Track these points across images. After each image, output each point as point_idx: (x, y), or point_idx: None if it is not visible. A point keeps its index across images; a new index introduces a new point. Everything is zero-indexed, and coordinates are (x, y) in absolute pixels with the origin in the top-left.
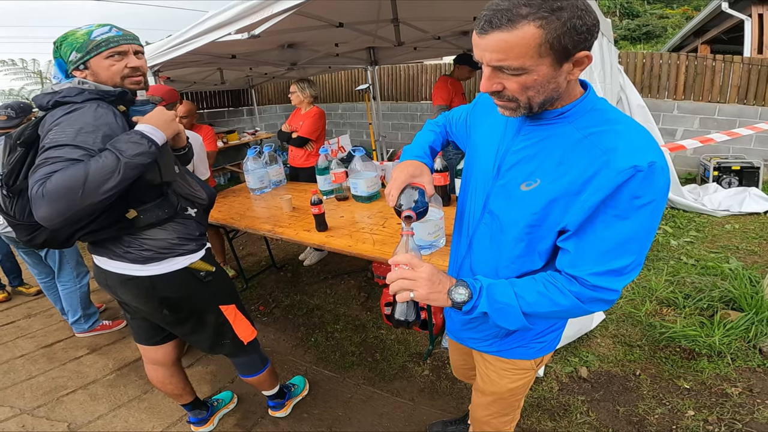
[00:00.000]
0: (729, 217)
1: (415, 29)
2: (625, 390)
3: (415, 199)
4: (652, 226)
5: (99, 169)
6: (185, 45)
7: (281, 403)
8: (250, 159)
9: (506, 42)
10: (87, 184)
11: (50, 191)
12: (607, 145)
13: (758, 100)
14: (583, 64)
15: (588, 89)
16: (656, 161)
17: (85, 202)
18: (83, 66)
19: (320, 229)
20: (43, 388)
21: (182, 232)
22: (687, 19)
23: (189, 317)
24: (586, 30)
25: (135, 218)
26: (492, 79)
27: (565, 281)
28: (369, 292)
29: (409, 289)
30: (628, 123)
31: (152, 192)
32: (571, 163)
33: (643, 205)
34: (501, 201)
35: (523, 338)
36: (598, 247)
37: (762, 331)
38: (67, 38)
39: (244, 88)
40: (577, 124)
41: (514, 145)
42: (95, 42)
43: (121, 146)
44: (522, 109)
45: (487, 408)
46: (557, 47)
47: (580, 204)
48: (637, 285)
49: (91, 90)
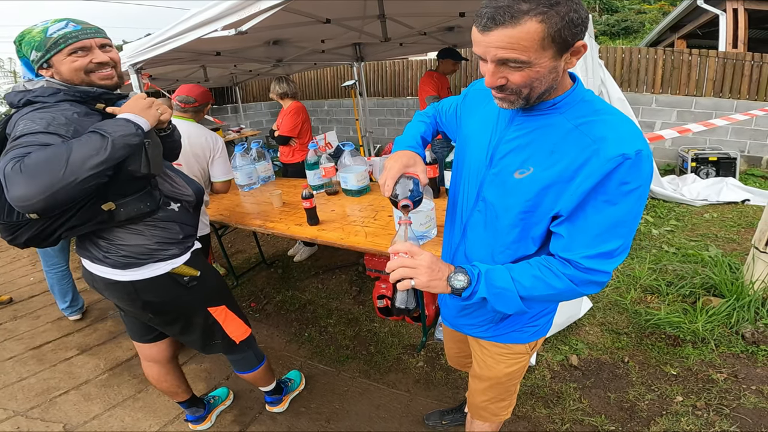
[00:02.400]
0: (707, 207)
1: (402, 25)
2: (615, 377)
3: (410, 188)
4: (639, 210)
5: (84, 144)
6: (170, 42)
7: (278, 399)
8: (238, 155)
9: (511, 37)
10: (71, 160)
11: (29, 166)
12: (597, 135)
13: (733, 93)
14: (579, 53)
15: (576, 81)
16: (642, 149)
17: (69, 179)
18: (46, 65)
19: (312, 223)
20: (35, 390)
21: (161, 236)
22: (664, 14)
23: (176, 320)
24: (581, 22)
25: (114, 211)
26: (496, 74)
27: (560, 265)
28: (361, 285)
29: (410, 277)
30: (615, 113)
31: (134, 185)
32: (563, 151)
33: (631, 191)
34: (495, 189)
35: (517, 322)
36: (589, 231)
37: (743, 316)
38: (24, 37)
39: (228, 85)
40: (568, 114)
41: (507, 135)
42: (53, 39)
43: (106, 128)
44: (521, 101)
45: (484, 393)
46: (558, 40)
47: (572, 190)
48: (621, 273)
49: (66, 91)
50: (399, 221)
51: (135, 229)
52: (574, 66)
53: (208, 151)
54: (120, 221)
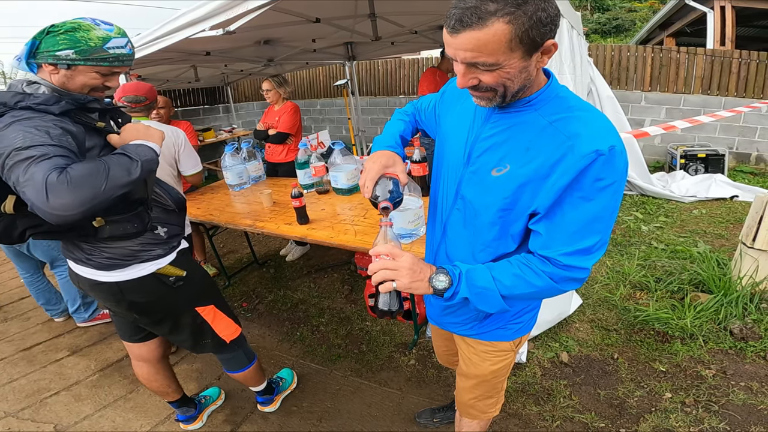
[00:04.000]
0: (696, 203)
1: (393, 24)
2: (605, 374)
3: (390, 189)
4: (615, 206)
5: (117, 163)
6: (158, 42)
7: (270, 399)
8: (228, 155)
9: (478, 39)
10: (110, 176)
11: (75, 177)
12: (571, 131)
13: (721, 90)
14: (550, 52)
15: (551, 77)
16: (615, 145)
17: (108, 194)
18: (66, 66)
19: (301, 222)
20: (26, 391)
21: (146, 238)
22: (654, 12)
23: (163, 320)
24: (550, 21)
25: (100, 227)
26: (467, 75)
27: (539, 262)
28: (352, 284)
29: (392, 279)
30: (588, 110)
31: (127, 206)
32: (539, 148)
33: (606, 187)
34: (473, 187)
35: (501, 320)
36: (567, 227)
37: (731, 312)
38: (75, 31)
39: (219, 85)
40: (543, 111)
41: (483, 133)
42: (104, 53)
43: (132, 151)
44: (498, 98)
45: (471, 391)
46: (526, 40)
47: (548, 187)
48: (611, 270)
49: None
50: (380, 223)
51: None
52: (546, 64)
53: (173, 147)
54: (102, 238)
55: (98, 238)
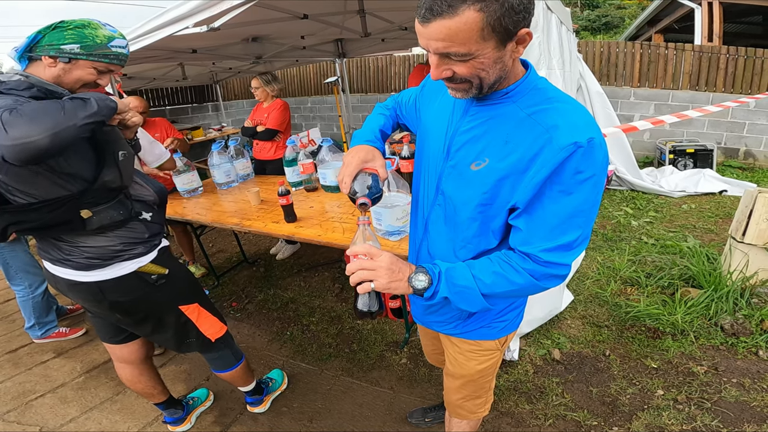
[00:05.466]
0: (686, 198)
1: (382, 20)
2: (597, 371)
3: (368, 184)
4: (596, 199)
5: (69, 101)
6: (142, 39)
7: (259, 399)
8: (215, 153)
9: (449, 29)
10: (66, 108)
11: (27, 112)
12: (549, 123)
13: (709, 86)
14: (525, 41)
15: (529, 69)
16: (594, 137)
17: (70, 121)
18: (67, 60)
19: (289, 220)
20: (11, 393)
21: (126, 237)
22: (643, 9)
23: (146, 320)
24: (523, 9)
25: (88, 219)
26: (440, 67)
27: (519, 259)
28: (343, 283)
29: (370, 279)
30: (567, 101)
31: (107, 194)
32: (517, 141)
33: (586, 180)
34: (452, 182)
35: (485, 318)
36: (547, 222)
37: (722, 308)
38: (84, 28)
39: (208, 83)
40: (521, 103)
41: (462, 126)
42: (107, 51)
43: (81, 95)
44: (474, 90)
45: (458, 391)
46: (499, 29)
47: (527, 181)
48: (601, 265)
49: (39, 88)
50: (358, 221)
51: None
52: (521, 54)
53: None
54: (92, 229)
55: (87, 231)
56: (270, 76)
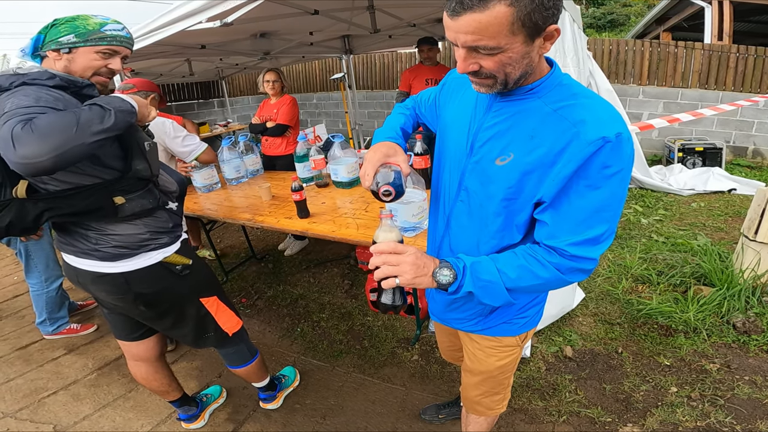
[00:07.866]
0: (695, 196)
1: (391, 16)
2: (610, 368)
3: (391, 178)
4: (622, 194)
5: (87, 112)
6: (153, 34)
7: (272, 395)
8: (225, 149)
9: (480, 22)
10: (81, 122)
11: (41, 126)
12: (576, 118)
13: (719, 84)
14: (553, 37)
15: (554, 66)
16: (622, 132)
17: (80, 140)
18: (67, 50)
19: (302, 216)
20: (23, 391)
21: (153, 226)
22: (649, 7)
23: (168, 312)
24: (552, 5)
25: (120, 206)
26: (468, 60)
27: (545, 253)
28: (353, 279)
29: (394, 275)
30: (593, 97)
31: (138, 183)
32: (543, 136)
33: (613, 174)
34: (476, 177)
35: (506, 314)
36: (573, 217)
37: (734, 306)
38: (75, 20)
39: (214, 79)
40: (546, 98)
41: (486, 122)
42: (102, 34)
43: (104, 101)
44: (499, 85)
45: (477, 388)
46: (528, 24)
47: (553, 175)
48: (612, 263)
49: (61, 77)
50: (380, 215)
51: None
52: (548, 51)
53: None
54: (124, 216)
55: (117, 219)
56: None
